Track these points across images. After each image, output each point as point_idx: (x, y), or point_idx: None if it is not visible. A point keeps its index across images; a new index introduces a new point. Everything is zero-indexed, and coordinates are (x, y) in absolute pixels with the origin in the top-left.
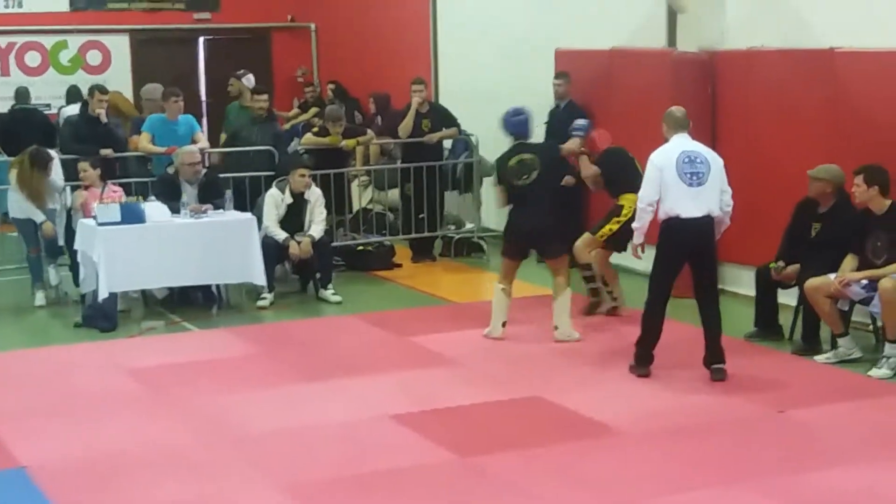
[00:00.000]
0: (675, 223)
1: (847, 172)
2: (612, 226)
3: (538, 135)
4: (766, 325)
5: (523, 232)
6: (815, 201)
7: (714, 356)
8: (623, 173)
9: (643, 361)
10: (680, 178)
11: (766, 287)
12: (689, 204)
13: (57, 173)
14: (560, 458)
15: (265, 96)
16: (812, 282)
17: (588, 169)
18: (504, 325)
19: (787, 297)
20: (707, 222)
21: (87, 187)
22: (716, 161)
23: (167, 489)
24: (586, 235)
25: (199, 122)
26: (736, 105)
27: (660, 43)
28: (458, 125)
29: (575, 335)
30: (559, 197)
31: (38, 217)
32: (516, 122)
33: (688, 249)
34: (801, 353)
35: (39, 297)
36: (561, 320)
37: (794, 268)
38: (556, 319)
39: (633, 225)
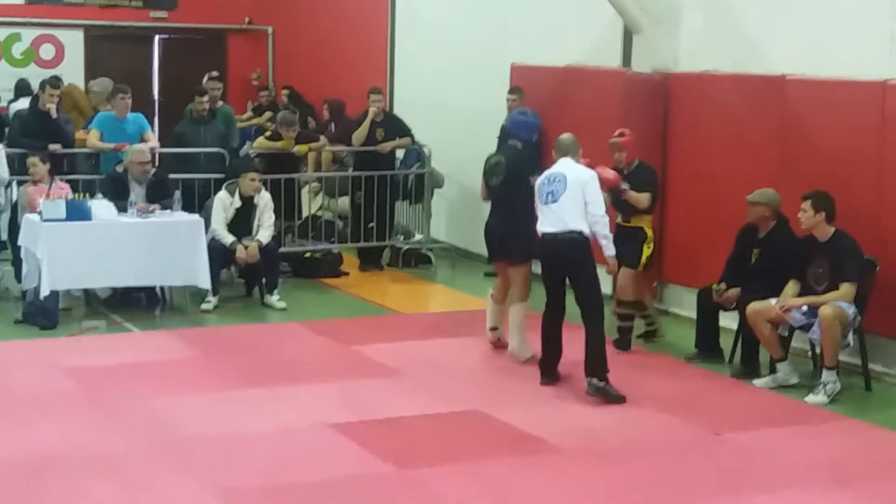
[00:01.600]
0: (541, 239)
1: (793, 198)
2: (648, 251)
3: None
4: (707, 347)
5: (488, 235)
6: (755, 227)
7: (590, 369)
8: (653, 192)
9: (543, 370)
10: (538, 198)
11: (708, 309)
12: (545, 221)
13: (2, 166)
14: (495, 473)
15: (206, 97)
16: (753, 306)
17: (640, 202)
18: (493, 329)
19: (729, 321)
20: (564, 238)
21: (34, 182)
22: (577, 178)
23: (98, 491)
24: (628, 271)
25: (151, 122)
26: (687, 127)
27: (615, 62)
28: (411, 135)
29: (526, 353)
30: (525, 204)
31: None
32: (511, 120)
33: (551, 264)
34: (739, 377)
35: None
36: (512, 336)
37: (735, 291)
38: (509, 336)
39: None
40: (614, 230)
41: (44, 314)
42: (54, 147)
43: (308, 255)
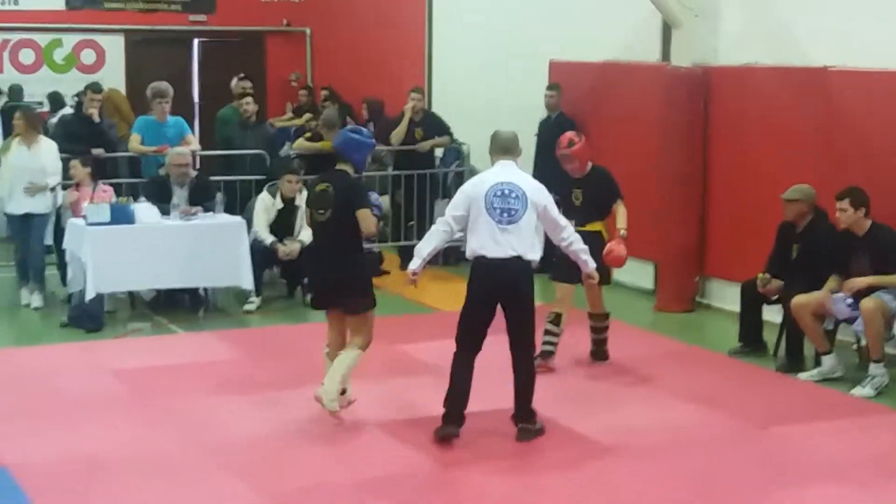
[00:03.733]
0: (481, 263)
1: (837, 192)
2: None
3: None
4: (751, 340)
5: (319, 279)
6: (793, 223)
7: (523, 414)
8: (607, 198)
9: (450, 420)
10: (489, 214)
11: (752, 303)
12: (491, 242)
13: (54, 162)
14: (539, 470)
15: (250, 98)
16: (798, 299)
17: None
18: (344, 392)
19: (772, 314)
20: (515, 265)
21: (77, 186)
22: (536, 197)
23: (147, 491)
24: (594, 283)
25: (191, 125)
26: (728, 121)
27: (654, 57)
28: (450, 134)
29: (335, 405)
30: (360, 242)
31: (38, 207)
32: (342, 141)
33: (494, 293)
34: (784, 371)
35: (25, 296)
36: (330, 377)
37: (778, 283)
38: (327, 376)
39: (420, 246)
40: None
41: (89, 317)
42: (97, 151)
43: None
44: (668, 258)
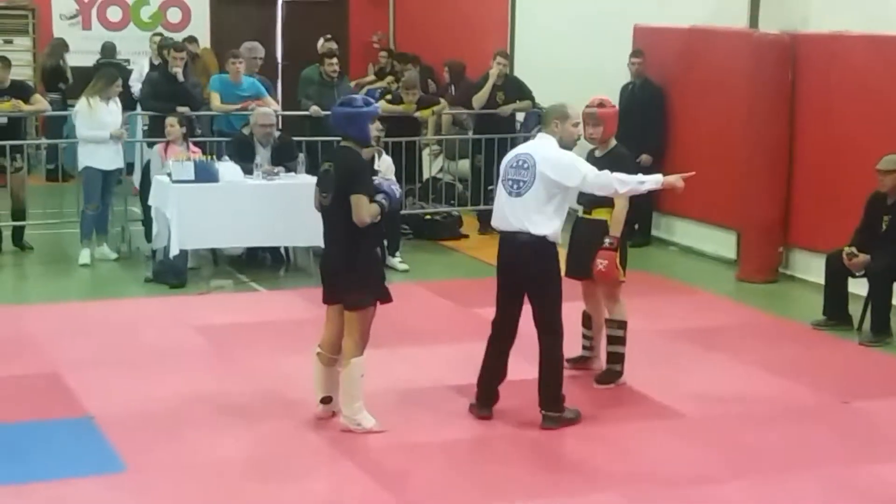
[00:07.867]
0: (499, 237)
1: None
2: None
3: None
4: (835, 313)
5: (321, 270)
6: (884, 194)
7: (546, 402)
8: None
9: (483, 401)
10: (503, 185)
11: (837, 275)
12: (504, 215)
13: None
14: (620, 437)
15: (335, 59)
16: None
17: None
18: (324, 401)
19: (858, 287)
20: (522, 242)
21: (167, 143)
22: (547, 162)
23: (226, 444)
24: (618, 286)
25: (274, 85)
26: (816, 89)
27: (741, 22)
28: (532, 98)
29: (366, 422)
30: (364, 227)
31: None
32: (335, 116)
33: (506, 273)
34: (869, 344)
35: (84, 255)
36: (345, 399)
37: (864, 257)
38: (342, 400)
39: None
40: (573, 225)
41: (173, 273)
42: (182, 109)
43: (428, 217)
44: (751, 227)
